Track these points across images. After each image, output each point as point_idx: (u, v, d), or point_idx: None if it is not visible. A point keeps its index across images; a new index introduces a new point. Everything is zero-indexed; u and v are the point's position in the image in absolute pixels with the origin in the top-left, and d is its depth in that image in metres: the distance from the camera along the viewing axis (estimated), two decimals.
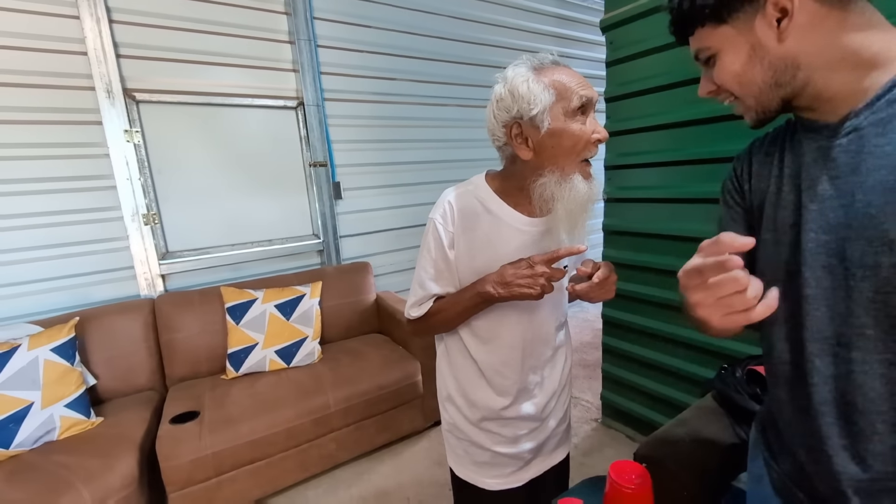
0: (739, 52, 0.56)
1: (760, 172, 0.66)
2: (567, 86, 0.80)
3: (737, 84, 0.59)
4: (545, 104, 0.79)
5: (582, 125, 0.81)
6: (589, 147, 0.82)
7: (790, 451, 0.66)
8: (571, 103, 0.79)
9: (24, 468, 1.48)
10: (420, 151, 2.98)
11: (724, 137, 1.62)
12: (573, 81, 0.80)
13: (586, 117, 0.82)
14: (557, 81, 0.80)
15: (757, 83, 0.57)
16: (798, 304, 0.59)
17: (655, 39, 1.76)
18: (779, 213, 0.62)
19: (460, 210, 0.90)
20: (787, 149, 0.63)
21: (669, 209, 1.86)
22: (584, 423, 2.38)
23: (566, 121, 0.80)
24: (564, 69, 0.82)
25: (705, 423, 1.30)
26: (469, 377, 0.98)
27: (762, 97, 0.58)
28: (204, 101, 2.24)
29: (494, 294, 0.84)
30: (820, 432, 0.59)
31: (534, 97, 0.79)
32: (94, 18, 1.93)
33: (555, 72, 0.81)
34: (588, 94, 0.80)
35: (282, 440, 1.81)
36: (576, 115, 0.80)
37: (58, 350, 1.70)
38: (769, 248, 0.63)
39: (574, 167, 0.83)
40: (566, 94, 0.79)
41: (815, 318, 0.57)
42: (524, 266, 0.82)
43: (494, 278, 0.85)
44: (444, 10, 2.92)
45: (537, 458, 1.03)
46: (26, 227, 1.93)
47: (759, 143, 0.70)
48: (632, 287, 2.05)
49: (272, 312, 2.10)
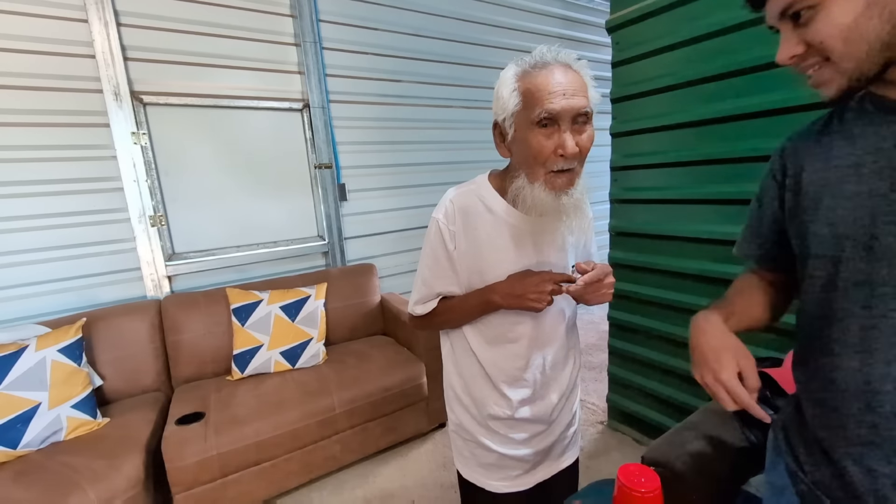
0: (855, 0, 0.48)
1: (814, 165, 0.63)
2: (535, 95, 0.75)
3: (841, 41, 0.50)
4: (510, 111, 0.78)
5: (545, 138, 0.76)
6: (553, 159, 0.77)
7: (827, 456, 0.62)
8: (533, 114, 0.75)
9: (31, 468, 1.48)
10: (426, 153, 2.98)
11: (732, 137, 1.60)
12: (546, 91, 0.74)
13: (554, 129, 0.76)
14: (529, 89, 0.76)
15: (868, 40, 0.48)
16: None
17: (662, 40, 1.76)
18: (849, 203, 0.56)
19: (461, 208, 0.90)
20: (849, 137, 0.58)
21: (676, 210, 1.84)
22: (590, 425, 2.36)
23: (529, 130, 0.77)
24: (548, 74, 0.75)
25: (714, 427, 1.29)
26: (475, 376, 0.98)
27: (867, 60, 0.50)
28: (210, 103, 2.26)
29: (503, 304, 0.87)
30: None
31: (503, 102, 0.78)
32: (102, 22, 1.95)
33: (537, 76, 0.75)
34: (554, 108, 0.74)
35: (287, 442, 1.81)
36: (540, 126, 0.76)
37: (65, 351, 1.71)
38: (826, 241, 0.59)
39: (539, 176, 0.80)
40: (532, 103, 0.75)
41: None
42: (535, 280, 0.84)
43: (505, 289, 0.86)
44: (450, 13, 2.92)
45: (545, 461, 1.02)
46: (34, 229, 1.95)
47: (802, 136, 0.68)
48: (638, 289, 2.03)
49: (277, 314, 2.10)
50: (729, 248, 1.67)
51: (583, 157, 0.81)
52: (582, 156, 0.80)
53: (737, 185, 1.61)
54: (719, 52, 1.59)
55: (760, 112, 1.50)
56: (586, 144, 0.79)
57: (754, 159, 1.55)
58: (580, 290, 0.82)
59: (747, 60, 1.50)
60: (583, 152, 0.79)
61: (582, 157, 0.80)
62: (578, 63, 0.80)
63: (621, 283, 2.12)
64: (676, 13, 1.70)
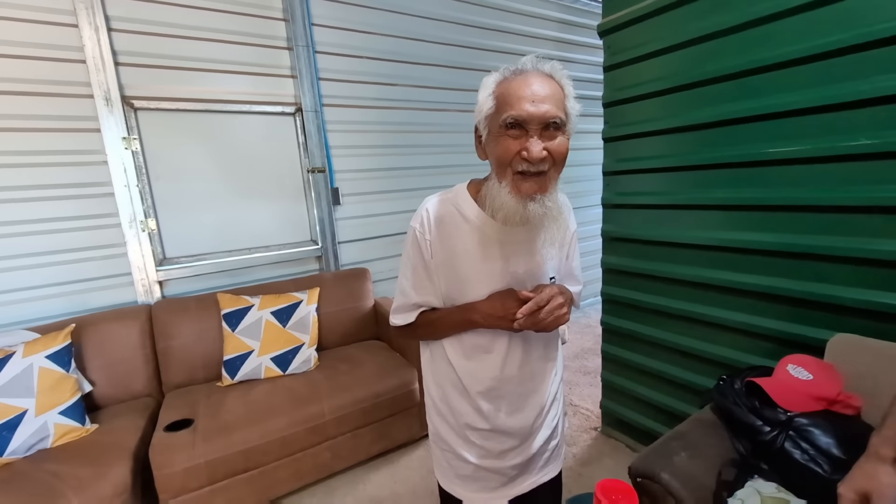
0: None
1: None
2: (507, 100, 0.76)
3: None
4: (484, 113, 0.80)
5: (512, 139, 0.77)
6: (518, 160, 0.78)
7: None
8: (501, 117, 0.77)
9: (16, 476, 1.47)
10: (420, 157, 2.97)
11: (724, 142, 1.59)
12: (516, 96, 0.75)
13: (522, 133, 0.76)
14: (503, 93, 0.78)
15: None
16: None
17: (653, 44, 1.75)
18: None
19: (438, 218, 0.89)
20: None
21: (669, 215, 1.83)
22: (584, 431, 2.34)
23: (498, 133, 0.79)
24: (522, 81, 0.77)
25: (702, 436, 1.27)
26: (452, 387, 0.97)
27: None
28: (202, 107, 2.25)
29: (484, 324, 0.88)
30: None
31: (479, 105, 0.81)
32: (92, 27, 1.95)
33: (512, 81, 0.78)
34: (520, 114, 0.75)
35: (276, 449, 1.80)
36: (508, 129, 0.77)
37: (53, 357, 1.70)
38: None
39: (506, 175, 0.80)
40: (502, 108, 0.77)
41: None
42: (514, 301, 0.84)
43: (486, 309, 0.86)
44: (444, 16, 2.91)
45: (523, 474, 1.01)
46: (24, 234, 1.94)
47: None
48: (631, 294, 2.02)
49: (268, 319, 2.09)
50: (722, 253, 1.67)
51: (556, 164, 0.79)
52: (554, 162, 0.79)
53: (730, 190, 1.60)
54: (710, 57, 1.58)
55: (752, 117, 1.49)
56: (557, 150, 0.78)
57: (746, 164, 1.54)
58: (523, 322, 0.82)
59: (738, 65, 1.49)
60: (554, 158, 0.78)
61: (554, 162, 0.79)
62: (560, 73, 0.80)
63: (614, 288, 2.11)
64: (667, 17, 1.69)
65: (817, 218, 1.40)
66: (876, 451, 0.70)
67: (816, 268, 1.42)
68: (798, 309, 1.48)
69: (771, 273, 1.53)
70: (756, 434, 1.17)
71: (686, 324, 1.82)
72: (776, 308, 1.53)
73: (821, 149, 1.35)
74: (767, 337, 1.57)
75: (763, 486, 1.07)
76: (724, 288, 1.66)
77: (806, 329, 1.46)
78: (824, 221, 1.38)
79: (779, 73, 1.42)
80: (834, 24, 1.28)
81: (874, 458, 0.70)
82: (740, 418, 1.22)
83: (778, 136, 1.45)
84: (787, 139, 1.42)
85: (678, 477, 1.12)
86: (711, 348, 1.74)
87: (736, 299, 1.64)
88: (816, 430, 1.10)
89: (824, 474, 1.02)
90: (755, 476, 1.11)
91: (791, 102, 1.38)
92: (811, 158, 1.38)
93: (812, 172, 1.39)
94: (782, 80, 1.41)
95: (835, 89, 1.30)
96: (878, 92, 1.22)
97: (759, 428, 1.17)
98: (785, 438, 1.12)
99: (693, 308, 1.77)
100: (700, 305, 1.76)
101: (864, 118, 1.26)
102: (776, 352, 1.46)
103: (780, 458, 1.10)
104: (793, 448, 1.10)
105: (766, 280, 1.53)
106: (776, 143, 1.45)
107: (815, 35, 1.32)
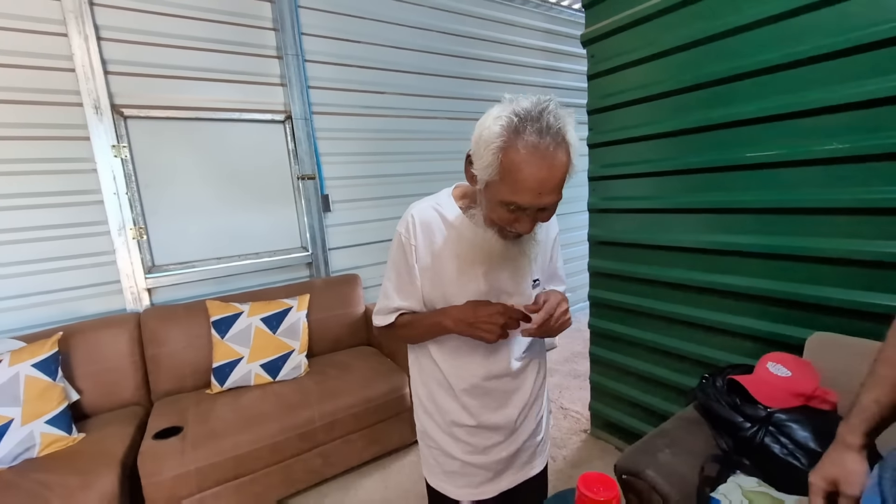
0: None
1: None
2: (512, 181, 0.71)
3: None
4: (485, 172, 0.74)
5: (507, 212, 0.76)
6: (508, 227, 0.80)
7: None
8: (501, 194, 0.74)
9: (2, 487, 1.45)
10: (409, 164, 3.00)
11: (706, 147, 1.64)
12: (523, 186, 0.70)
13: (518, 211, 0.75)
14: (508, 168, 0.70)
15: None
16: None
17: (635, 52, 1.80)
18: None
19: (423, 223, 0.91)
20: None
21: (654, 219, 1.87)
22: (574, 434, 2.36)
23: (496, 201, 0.76)
24: (531, 161, 0.69)
25: (686, 434, 1.30)
26: (437, 385, 0.99)
27: None
28: (192, 115, 2.26)
29: (454, 329, 0.87)
30: None
31: (481, 158, 0.73)
32: (81, 36, 1.96)
33: (520, 159, 0.69)
34: (521, 204, 0.73)
35: (266, 455, 1.79)
36: (508, 206, 0.75)
37: (39, 366, 1.69)
38: None
39: (493, 227, 0.84)
40: (505, 186, 0.72)
41: None
42: (489, 310, 0.84)
43: (458, 314, 0.86)
44: (432, 26, 2.96)
45: (509, 470, 1.02)
46: (12, 242, 1.93)
47: None
48: (618, 297, 2.05)
49: (258, 326, 2.09)
50: (705, 255, 1.71)
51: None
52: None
53: (712, 194, 1.64)
54: (691, 64, 1.63)
55: (731, 122, 1.54)
56: (546, 219, 0.82)
57: (728, 168, 1.58)
58: (535, 331, 0.84)
59: (719, 72, 1.54)
60: (542, 222, 0.83)
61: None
62: (571, 135, 0.72)
63: (601, 292, 2.15)
64: (648, 27, 1.75)
65: (794, 220, 1.44)
66: (843, 439, 0.73)
67: (795, 268, 1.46)
68: (778, 309, 1.52)
69: (752, 274, 1.57)
70: (737, 430, 1.20)
71: (671, 325, 1.86)
72: (757, 308, 1.58)
73: (796, 153, 1.40)
74: (749, 336, 1.61)
75: (745, 480, 1.09)
76: (708, 289, 1.70)
77: (785, 328, 1.50)
78: (801, 223, 1.43)
79: (755, 80, 1.47)
80: (806, 33, 1.33)
81: (841, 445, 0.73)
82: (722, 415, 1.25)
83: (756, 141, 1.50)
84: (764, 144, 1.47)
85: (662, 473, 1.14)
86: (696, 349, 1.77)
87: (719, 300, 1.68)
88: (794, 424, 1.14)
89: (802, 467, 1.05)
90: (737, 471, 1.14)
91: (767, 108, 1.43)
92: (787, 162, 1.43)
93: (788, 176, 1.44)
94: (758, 88, 1.46)
95: (807, 95, 1.35)
96: (846, 98, 1.27)
97: (740, 424, 1.20)
98: (765, 434, 1.15)
99: (677, 309, 1.81)
100: (684, 307, 1.79)
101: (835, 123, 1.32)
102: (758, 350, 1.49)
103: (761, 452, 1.13)
104: (772, 443, 1.13)
105: (747, 281, 1.58)
106: (754, 147, 1.50)
107: (787, 44, 1.37)
